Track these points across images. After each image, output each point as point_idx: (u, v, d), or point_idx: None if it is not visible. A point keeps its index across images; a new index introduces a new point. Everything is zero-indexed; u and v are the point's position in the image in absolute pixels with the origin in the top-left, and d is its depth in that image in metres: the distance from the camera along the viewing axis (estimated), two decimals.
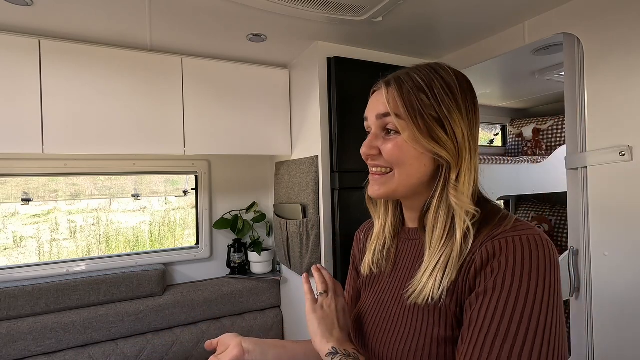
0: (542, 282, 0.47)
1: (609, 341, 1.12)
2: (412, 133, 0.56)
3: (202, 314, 1.84)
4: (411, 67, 0.61)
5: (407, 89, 0.57)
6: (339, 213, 1.51)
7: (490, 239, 0.51)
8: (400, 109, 0.57)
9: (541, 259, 0.48)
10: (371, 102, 0.63)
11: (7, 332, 1.50)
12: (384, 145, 0.59)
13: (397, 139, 0.58)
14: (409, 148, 0.57)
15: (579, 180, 1.19)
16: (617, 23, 1.09)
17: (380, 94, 0.61)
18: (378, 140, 0.60)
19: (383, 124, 0.59)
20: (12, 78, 1.31)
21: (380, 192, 0.61)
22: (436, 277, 0.53)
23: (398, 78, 0.59)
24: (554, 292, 0.47)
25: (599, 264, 1.14)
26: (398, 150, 0.57)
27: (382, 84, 0.62)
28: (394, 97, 0.58)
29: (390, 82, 0.60)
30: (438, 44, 1.61)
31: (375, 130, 0.61)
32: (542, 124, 2.50)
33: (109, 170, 1.79)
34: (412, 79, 0.58)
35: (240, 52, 1.64)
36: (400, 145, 0.57)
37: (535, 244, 0.49)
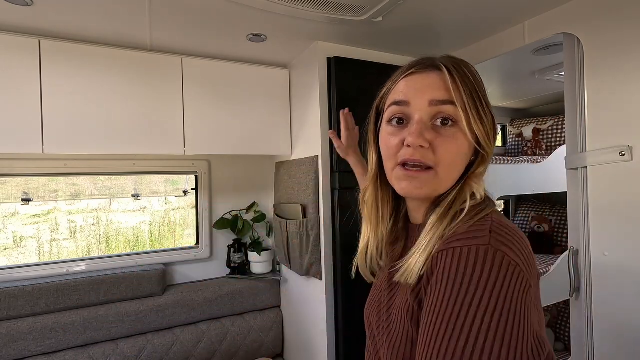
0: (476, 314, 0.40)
1: (609, 341, 1.12)
2: (473, 126, 0.51)
3: (202, 314, 1.84)
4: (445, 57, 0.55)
5: (465, 79, 0.51)
6: (339, 213, 1.51)
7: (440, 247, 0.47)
8: (465, 100, 0.50)
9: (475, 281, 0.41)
10: (418, 83, 0.53)
11: (7, 332, 1.50)
12: (440, 141, 0.51)
13: (455, 134, 0.51)
14: (464, 144, 0.52)
15: (579, 180, 1.19)
16: (617, 23, 1.09)
17: (434, 76, 0.52)
18: (428, 131, 0.51)
19: (437, 112, 0.51)
20: (12, 78, 1.31)
21: (422, 191, 0.53)
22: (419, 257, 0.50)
23: (452, 65, 0.52)
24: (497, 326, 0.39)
25: (599, 264, 1.14)
26: (456, 149, 0.51)
27: (440, 66, 0.52)
28: (457, 85, 0.50)
29: (448, 67, 0.51)
30: (438, 44, 1.61)
31: (423, 117, 0.51)
32: (542, 124, 2.50)
33: (109, 170, 1.79)
34: (462, 70, 0.52)
35: (240, 52, 1.64)
36: (459, 143, 0.51)
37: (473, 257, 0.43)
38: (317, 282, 1.60)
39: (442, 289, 0.43)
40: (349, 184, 1.52)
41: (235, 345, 1.87)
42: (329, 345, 1.53)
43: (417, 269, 0.49)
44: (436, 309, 0.42)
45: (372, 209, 0.64)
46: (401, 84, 0.55)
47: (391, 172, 0.56)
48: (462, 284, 0.41)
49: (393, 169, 0.55)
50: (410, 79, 0.54)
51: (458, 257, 0.43)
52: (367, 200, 0.64)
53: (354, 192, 1.56)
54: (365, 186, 0.64)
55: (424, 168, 0.52)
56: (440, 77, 0.51)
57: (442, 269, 0.44)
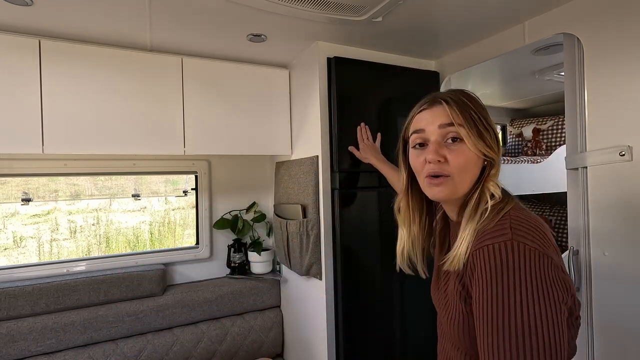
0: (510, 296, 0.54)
1: (609, 341, 1.12)
2: (474, 140, 0.66)
3: (202, 314, 1.84)
4: (451, 90, 0.73)
5: (462, 106, 0.68)
6: (339, 213, 1.51)
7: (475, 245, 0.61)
8: (462, 120, 0.67)
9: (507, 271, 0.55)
10: (428, 115, 0.71)
11: (7, 332, 1.50)
12: (451, 154, 0.68)
13: (462, 147, 0.67)
14: (471, 155, 0.67)
15: (579, 180, 1.19)
16: (617, 23, 1.09)
17: (437, 109, 0.70)
18: (442, 148, 0.68)
19: (445, 132, 0.68)
20: (12, 78, 1.31)
21: (442, 194, 0.69)
22: (459, 249, 0.64)
23: (449, 98, 0.69)
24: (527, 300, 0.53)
25: (599, 264, 1.14)
26: (464, 159, 0.67)
27: (434, 103, 0.71)
28: (455, 111, 0.67)
29: (446, 100, 0.69)
30: (438, 44, 1.61)
31: (437, 138, 0.69)
32: (542, 124, 2.50)
33: (109, 170, 1.79)
34: (460, 99, 0.69)
35: (240, 52, 1.64)
36: (466, 154, 0.67)
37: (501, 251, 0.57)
38: (317, 282, 1.60)
39: (485, 280, 0.57)
40: (349, 184, 1.53)
41: (235, 345, 1.87)
42: (329, 345, 1.53)
43: (460, 260, 0.64)
44: (485, 295, 0.57)
45: (405, 215, 0.81)
46: (418, 117, 0.73)
47: (423, 184, 0.73)
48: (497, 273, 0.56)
49: (423, 182, 0.72)
50: (423, 113, 0.72)
51: (492, 253, 0.57)
52: (401, 208, 0.82)
53: (354, 192, 1.56)
54: (399, 198, 0.82)
55: (444, 177, 0.68)
56: (443, 108, 0.69)
57: (482, 264, 0.58)
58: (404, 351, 1.64)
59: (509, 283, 0.54)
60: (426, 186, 0.72)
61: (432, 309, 0.81)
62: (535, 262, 0.55)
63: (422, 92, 1.69)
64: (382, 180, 1.55)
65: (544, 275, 0.54)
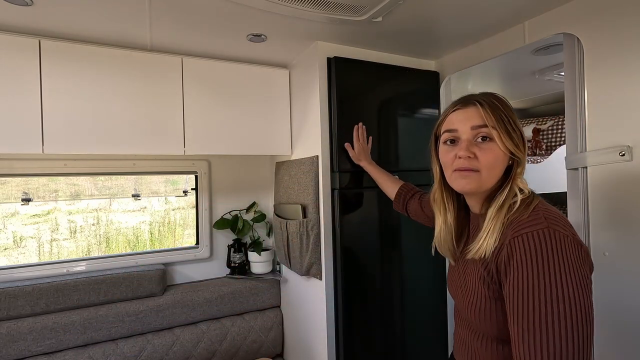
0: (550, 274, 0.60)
1: (609, 341, 1.12)
2: (504, 141, 0.72)
3: (202, 314, 1.84)
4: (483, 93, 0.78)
5: (494, 108, 0.74)
6: (339, 213, 1.51)
7: (512, 234, 0.66)
8: (494, 122, 0.72)
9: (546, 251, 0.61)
10: (462, 116, 0.76)
11: (7, 332, 1.50)
12: (481, 152, 0.73)
13: (492, 146, 0.73)
14: (500, 154, 0.73)
15: (579, 180, 1.19)
16: (617, 23, 1.09)
17: (472, 110, 0.75)
18: (473, 147, 0.74)
19: (477, 133, 0.74)
20: (12, 78, 1.31)
21: (470, 186, 0.75)
22: (487, 239, 0.70)
23: (482, 100, 0.75)
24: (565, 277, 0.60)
25: (599, 264, 1.14)
26: (493, 156, 0.73)
27: (468, 104, 0.76)
28: (488, 113, 0.73)
29: (480, 102, 0.74)
30: (438, 44, 1.61)
31: (468, 137, 0.75)
32: (542, 124, 2.50)
33: (109, 170, 1.79)
34: (492, 102, 0.75)
35: (240, 52, 1.64)
36: (495, 153, 0.73)
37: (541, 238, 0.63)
38: (317, 282, 1.60)
39: (527, 263, 0.62)
40: (349, 184, 1.53)
41: (235, 345, 1.87)
42: (329, 345, 1.53)
43: (489, 247, 0.70)
44: (526, 276, 0.62)
45: (441, 204, 0.87)
46: (451, 117, 0.78)
47: (450, 177, 0.79)
48: (538, 256, 0.62)
49: (451, 175, 0.78)
50: (456, 113, 0.77)
51: (532, 239, 0.63)
52: (436, 198, 0.87)
53: (354, 192, 1.57)
54: (434, 189, 0.88)
55: (472, 171, 0.74)
56: (476, 110, 0.74)
57: (522, 249, 0.63)
58: (404, 351, 1.64)
59: (549, 264, 0.60)
60: (453, 179, 0.77)
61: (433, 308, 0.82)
62: (570, 246, 0.62)
63: (422, 92, 1.70)
64: None
65: (577, 257, 0.62)
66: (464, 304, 0.78)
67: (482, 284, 0.72)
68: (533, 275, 0.61)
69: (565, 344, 0.58)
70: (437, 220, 0.88)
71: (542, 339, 0.59)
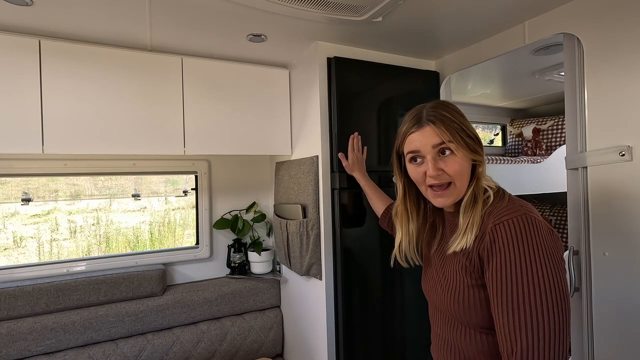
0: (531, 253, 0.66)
1: (609, 341, 1.12)
2: (462, 151, 0.76)
3: (202, 314, 1.84)
4: (427, 107, 0.81)
5: (446, 122, 0.77)
6: (339, 213, 1.51)
7: (493, 222, 0.71)
8: (450, 137, 0.76)
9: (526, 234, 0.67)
10: (418, 138, 0.79)
11: (7, 332, 1.50)
12: (447, 165, 0.77)
13: (454, 157, 0.77)
14: (463, 162, 0.77)
15: (579, 180, 1.19)
16: (617, 23, 1.09)
17: (426, 130, 0.78)
18: (438, 162, 0.78)
19: (438, 150, 0.78)
20: (12, 78, 1.31)
21: (448, 201, 0.80)
22: (468, 232, 0.75)
23: (434, 117, 0.78)
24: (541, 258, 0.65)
25: (599, 264, 1.14)
26: (459, 167, 0.77)
27: (422, 124, 0.79)
28: (443, 130, 0.77)
29: (431, 120, 0.78)
30: (438, 44, 1.61)
31: (433, 155, 0.78)
32: (542, 124, 2.50)
33: (109, 170, 1.79)
34: (444, 116, 0.78)
35: (240, 52, 1.64)
36: (459, 162, 0.77)
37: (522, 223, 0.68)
38: (317, 282, 1.60)
39: (510, 245, 0.68)
40: (349, 184, 1.53)
41: (235, 345, 1.87)
42: (329, 345, 1.53)
43: (471, 238, 0.74)
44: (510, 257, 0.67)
45: (403, 217, 0.92)
46: (410, 138, 0.81)
47: (425, 193, 0.83)
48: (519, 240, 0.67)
49: (426, 191, 0.83)
50: (414, 135, 0.80)
51: (512, 225, 0.69)
52: (399, 212, 0.92)
53: (354, 192, 1.56)
54: (397, 204, 0.93)
55: (446, 185, 0.79)
56: (431, 129, 0.78)
57: (505, 234, 0.69)
58: (404, 351, 1.64)
59: (529, 246, 0.66)
60: (431, 197, 0.82)
61: None
62: (545, 230, 0.68)
63: (422, 92, 1.70)
64: (382, 180, 1.55)
65: (551, 240, 0.68)
66: (445, 298, 0.81)
67: (465, 273, 0.76)
68: (515, 258, 0.66)
69: (548, 320, 0.63)
70: (398, 233, 0.93)
71: (526, 317, 0.63)
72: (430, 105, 0.81)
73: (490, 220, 0.72)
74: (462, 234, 0.77)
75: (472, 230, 0.75)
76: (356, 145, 1.48)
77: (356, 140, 1.49)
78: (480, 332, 0.76)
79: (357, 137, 1.50)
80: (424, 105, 0.82)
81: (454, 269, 0.80)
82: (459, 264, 0.78)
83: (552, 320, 0.63)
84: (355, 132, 1.50)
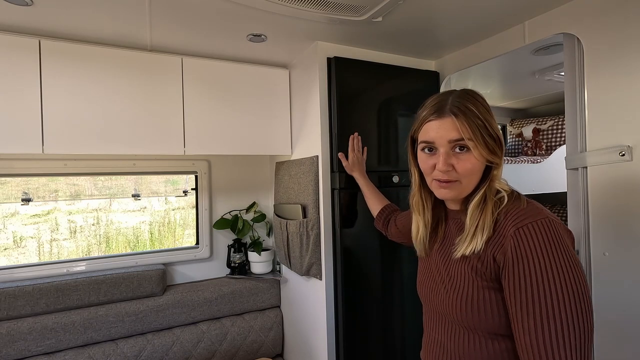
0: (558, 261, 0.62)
1: (609, 341, 1.12)
2: (480, 151, 0.72)
3: (202, 314, 1.84)
4: (454, 94, 0.75)
5: (469, 117, 0.72)
6: (339, 213, 1.51)
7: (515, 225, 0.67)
8: (471, 134, 0.71)
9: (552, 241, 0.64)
10: (436, 128, 0.74)
11: (7, 332, 1.50)
12: (459, 164, 0.73)
13: (469, 158, 0.72)
14: (477, 162, 0.73)
15: (579, 180, 1.19)
16: (617, 23, 1.09)
17: (448, 122, 0.73)
18: (451, 158, 0.74)
19: (454, 145, 0.73)
20: (12, 78, 1.31)
21: (450, 195, 0.76)
22: (477, 235, 0.71)
23: (458, 108, 0.72)
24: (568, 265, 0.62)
25: (599, 264, 1.14)
26: (471, 167, 0.73)
27: (444, 114, 0.73)
28: (464, 125, 0.71)
29: (455, 112, 0.72)
30: (438, 44, 1.61)
31: (447, 150, 0.74)
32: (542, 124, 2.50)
33: (109, 170, 1.79)
34: (468, 109, 0.72)
35: (240, 52, 1.64)
36: (472, 163, 0.73)
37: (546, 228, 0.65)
38: (317, 282, 1.60)
39: (536, 255, 0.64)
40: (349, 184, 1.53)
41: (235, 345, 1.87)
42: (329, 345, 1.53)
43: (483, 240, 0.70)
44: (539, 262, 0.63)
45: (419, 205, 0.88)
46: (427, 127, 0.76)
47: (430, 183, 0.80)
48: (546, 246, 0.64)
49: (431, 182, 0.80)
50: (432, 124, 0.75)
51: (537, 229, 0.65)
52: (415, 200, 0.89)
53: (354, 192, 1.56)
54: (414, 192, 0.89)
55: (452, 181, 0.75)
56: (452, 122, 0.72)
57: (529, 240, 0.65)
58: (404, 351, 1.64)
59: (555, 253, 0.63)
60: (434, 188, 0.79)
61: None
62: (566, 235, 0.66)
63: (422, 92, 1.70)
64: (382, 180, 1.56)
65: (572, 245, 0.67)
66: (449, 300, 0.77)
67: (475, 274, 0.72)
68: (542, 266, 0.63)
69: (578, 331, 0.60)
70: (416, 222, 0.90)
71: (557, 330, 0.60)
72: (458, 95, 0.75)
73: (509, 221, 0.68)
74: (472, 236, 0.73)
75: (483, 232, 0.71)
76: (356, 146, 1.48)
77: (356, 141, 1.48)
78: (486, 338, 0.72)
79: (357, 138, 1.49)
80: (452, 92, 0.76)
81: (462, 269, 0.75)
82: (468, 265, 0.74)
83: (581, 331, 0.60)
84: (355, 133, 1.50)
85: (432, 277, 0.85)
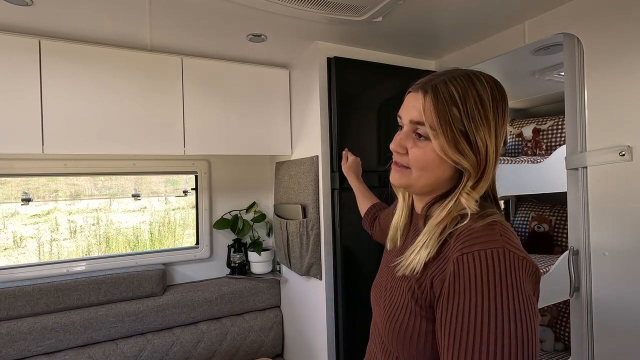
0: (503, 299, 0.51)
1: (609, 341, 1.12)
2: (441, 143, 0.59)
3: (202, 314, 1.84)
4: (450, 73, 0.63)
5: (442, 101, 0.59)
6: (339, 213, 1.51)
7: (461, 249, 0.55)
8: (434, 120, 0.59)
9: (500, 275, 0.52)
10: (407, 103, 0.66)
11: (7, 332, 1.50)
12: (412, 149, 0.63)
13: (425, 147, 0.62)
14: (435, 156, 0.61)
15: (579, 180, 1.19)
16: (617, 23, 1.09)
17: (416, 98, 0.63)
18: (408, 141, 0.64)
19: (414, 128, 0.63)
20: (12, 78, 1.31)
21: (399, 182, 0.68)
22: (421, 252, 0.61)
23: (435, 87, 0.61)
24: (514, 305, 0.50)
25: (599, 264, 1.14)
26: (423, 158, 0.62)
27: (419, 88, 0.63)
28: (429, 107, 0.60)
29: (427, 89, 0.61)
30: (438, 44, 1.61)
31: (406, 130, 0.65)
32: (542, 124, 2.50)
33: (109, 170, 1.79)
34: (448, 90, 0.60)
35: (240, 52, 1.64)
36: (426, 154, 0.62)
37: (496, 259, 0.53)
38: (317, 282, 1.60)
39: (479, 290, 0.52)
40: (349, 184, 1.52)
41: (235, 345, 1.87)
42: (329, 345, 1.53)
43: (419, 263, 0.60)
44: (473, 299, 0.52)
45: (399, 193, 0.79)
46: (405, 99, 0.67)
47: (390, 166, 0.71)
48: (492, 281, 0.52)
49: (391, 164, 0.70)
50: (408, 96, 0.66)
51: (483, 260, 0.53)
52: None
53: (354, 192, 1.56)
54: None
55: (405, 166, 0.66)
56: (421, 100, 0.61)
57: (473, 271, 0.53)
58: None
59: (502, 292, 0.51)
60: (390, 169, 0.70)
61: None
62: (524, 270, 0.53)
63: None
64: (382, 179, 1.56)
65: (529, 283, 0.54)
66: (384, 317, 0.66)
67: (411, 297, 0.61)
68: (483, 305, 0.51)
69: None
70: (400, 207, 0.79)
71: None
72: (452, 73, 0.62)
73: (457, 245, 0.56)
74: (416, 253, 0.62)
75: (427, 249, 0.60)
76: (349, 157, 1.42)
77: (348, 154, 1.43)
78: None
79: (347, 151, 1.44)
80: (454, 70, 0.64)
81: (401, 288, 0.65)
82: (407, 285, 0.63)
83: None
84: (346, 149, 1.46)
85: (382, 284, 0.74)
